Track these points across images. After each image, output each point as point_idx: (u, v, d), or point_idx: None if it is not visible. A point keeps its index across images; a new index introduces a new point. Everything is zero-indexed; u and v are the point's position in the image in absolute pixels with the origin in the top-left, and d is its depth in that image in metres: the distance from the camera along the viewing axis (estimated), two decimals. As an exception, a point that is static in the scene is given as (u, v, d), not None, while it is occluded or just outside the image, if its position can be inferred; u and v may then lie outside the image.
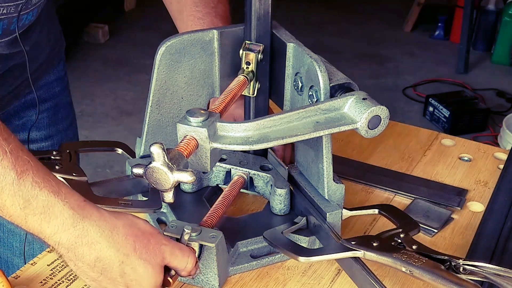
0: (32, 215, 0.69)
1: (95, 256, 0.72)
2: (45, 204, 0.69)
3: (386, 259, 0.79)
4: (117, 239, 0.72)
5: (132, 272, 0.73)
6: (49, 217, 0.69)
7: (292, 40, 0.93)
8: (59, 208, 0.70)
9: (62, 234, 0.70)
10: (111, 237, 0.72)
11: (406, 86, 3.63)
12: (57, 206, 0.70)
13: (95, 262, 0.72)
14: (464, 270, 0.76)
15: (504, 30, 3.84)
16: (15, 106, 1.12)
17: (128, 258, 0.73)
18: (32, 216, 0.69)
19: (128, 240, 0.73)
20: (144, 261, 0.74)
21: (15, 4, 0.93)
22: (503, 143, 2.78)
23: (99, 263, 0.72)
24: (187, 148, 0.77)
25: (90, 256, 0.72)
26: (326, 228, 0.88)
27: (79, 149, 0.98)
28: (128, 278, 0.74)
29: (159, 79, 0.94)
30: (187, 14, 1.07)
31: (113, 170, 2.76)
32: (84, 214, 0.71)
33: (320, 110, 0.83)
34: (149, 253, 0.74)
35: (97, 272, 0.73)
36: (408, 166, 1.16)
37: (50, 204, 0.69)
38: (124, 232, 0.73)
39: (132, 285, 0.74)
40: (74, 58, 3.75)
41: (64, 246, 0.71)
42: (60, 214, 0.70)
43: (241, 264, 0.90)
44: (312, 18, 4.58)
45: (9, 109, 1.12)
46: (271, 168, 1.01)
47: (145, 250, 0.74)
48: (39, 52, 1.11)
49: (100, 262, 0.72)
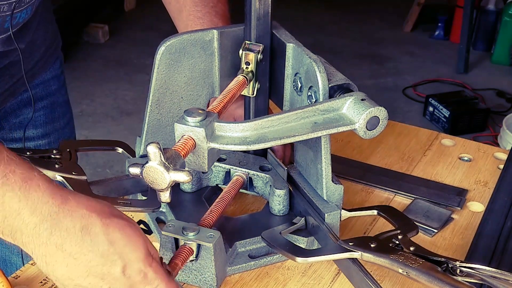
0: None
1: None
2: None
3: (383, 260, 0.79)
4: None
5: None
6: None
7: (292, 40, 0.93)
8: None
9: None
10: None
11: (406, 86, 3.63)
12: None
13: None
14: (461, 272, 0.76)
15: (504, 30, 3.85)
16: (11, 104, 1.12)
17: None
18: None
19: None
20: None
21: (8, 2, 0.93)
22: (503, 143, 2.78)
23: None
24: (184, 148, 0.76)
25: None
26: (324, 229, 0.88)
27: (79, 148, 0.98)
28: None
29: (159, 78, 0.94)
30: (186, 14, 1.07)
31: (113, 170, 2.76)
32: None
33: (318, 111, 0.83)
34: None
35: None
36: (408, 166, 1.16)
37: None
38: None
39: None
40: (74, 58, 3.76)
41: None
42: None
43: (239, 264, 0.90)
44: (312, 18, 4.58)
45: (6, 107, 1.12)
46: (270, 168, 1.01)
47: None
48: (35, 50, 1.11)
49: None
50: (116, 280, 0.68)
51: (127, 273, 0.69)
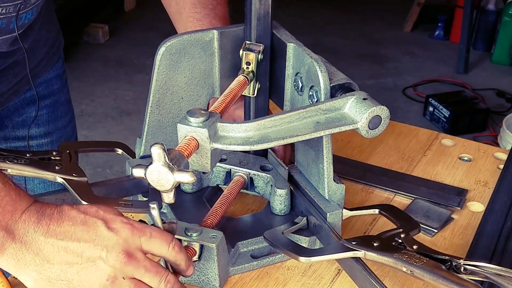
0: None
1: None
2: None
3: (387, 259, 0.79)
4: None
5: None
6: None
7: (292, 40, 0.93)
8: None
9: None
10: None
11: (406, 86, 3.64)
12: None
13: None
14: (465, 270, 0.76)
15: (504, 30, 3.85)
16: (15, 103, 1.13)
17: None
18: None
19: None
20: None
21: (13, 4, 0.93)
22: (503, 143, 2.78)
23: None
24: (187, 148, 0.76)
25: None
26: (326, 228, 0.88)
27: (79, 149, 0.98)
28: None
29: (159, 79, 0.94)
30: (186, 16, 1.07)
31: (113, 170, 2.76)
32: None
33: (320, 110, 0.83)
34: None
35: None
36: (408, 166, 1.16)
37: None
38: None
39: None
40: (74, 58, 3.76)
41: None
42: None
43: (242, 265, 0.90)
44: (312, 18, 4.58)
45: (9, 106, 1.12)
46: (271, 168, 1.01)
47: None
48: (38, 49, 1.12)
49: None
50: (108, 239, 0.71)
51: (113, 229, 0.72)
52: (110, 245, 0.71)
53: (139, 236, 0.73)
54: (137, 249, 0.73)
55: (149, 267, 0.73)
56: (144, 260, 0.73)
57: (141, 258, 0.72)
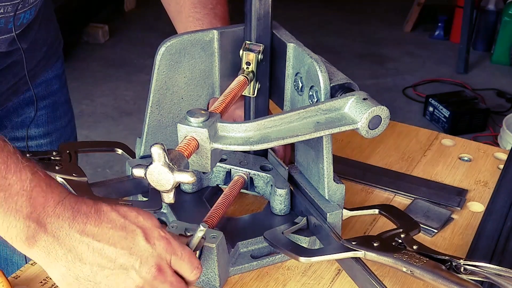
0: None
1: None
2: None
3: (387, 259, 0.79)
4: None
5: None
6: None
7: (292, 40, 0.93)
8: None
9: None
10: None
11: (406, 86, 3.64)
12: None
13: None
14: (465, 270, 0.76)
15: (504, 30, 3.85)
16: (14, 103, 1.13)
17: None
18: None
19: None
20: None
21: (11, 3, 0.93)
22: (503, 143, 2.78)
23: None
24: (187, 148, 0.76)
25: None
26: (326, 228, 0.88)
27: (78, 149, 0.98)
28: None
29: (159, 79, 0.94)
30: (185, 15, 1.07)
31: (113, 170, 2.76)
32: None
33: (320, 110, 0.83)
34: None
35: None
36: (408, 166, 1.16)
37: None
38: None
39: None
40: (74, 58, 3.76)
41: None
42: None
43: (242, 265, 0.90)
44: (312, 18, 4.58)
45: (8, 106, 1.12)
46: (271, 168, 1.01)
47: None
48: (37, 49, 1.12)
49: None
50: (144, 250, 0.72)
51: (151, 240, 0.72)
52: (144, 257, 0.72)
53: (171, 253, 0.74)
54: (167, 265, 0.74)
55: (175, 284, 0.74)
56: (171, 276, 0.74)
57: (169, 274, 0.73)
